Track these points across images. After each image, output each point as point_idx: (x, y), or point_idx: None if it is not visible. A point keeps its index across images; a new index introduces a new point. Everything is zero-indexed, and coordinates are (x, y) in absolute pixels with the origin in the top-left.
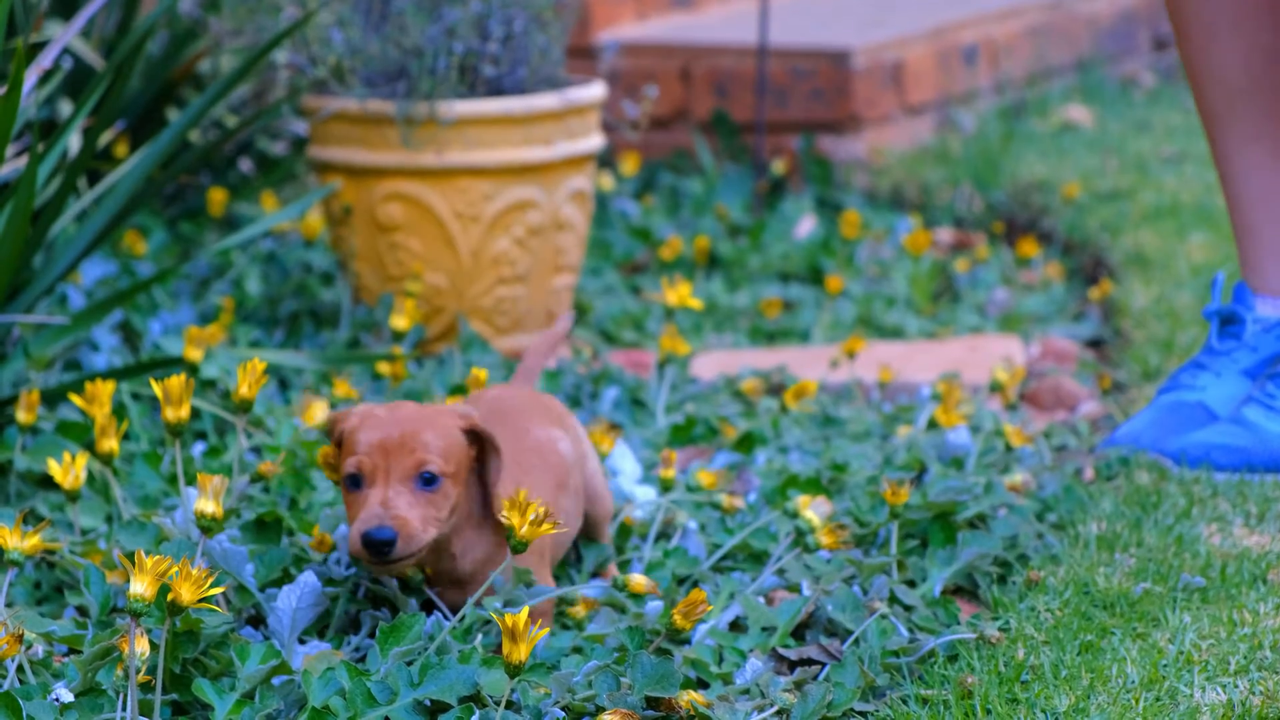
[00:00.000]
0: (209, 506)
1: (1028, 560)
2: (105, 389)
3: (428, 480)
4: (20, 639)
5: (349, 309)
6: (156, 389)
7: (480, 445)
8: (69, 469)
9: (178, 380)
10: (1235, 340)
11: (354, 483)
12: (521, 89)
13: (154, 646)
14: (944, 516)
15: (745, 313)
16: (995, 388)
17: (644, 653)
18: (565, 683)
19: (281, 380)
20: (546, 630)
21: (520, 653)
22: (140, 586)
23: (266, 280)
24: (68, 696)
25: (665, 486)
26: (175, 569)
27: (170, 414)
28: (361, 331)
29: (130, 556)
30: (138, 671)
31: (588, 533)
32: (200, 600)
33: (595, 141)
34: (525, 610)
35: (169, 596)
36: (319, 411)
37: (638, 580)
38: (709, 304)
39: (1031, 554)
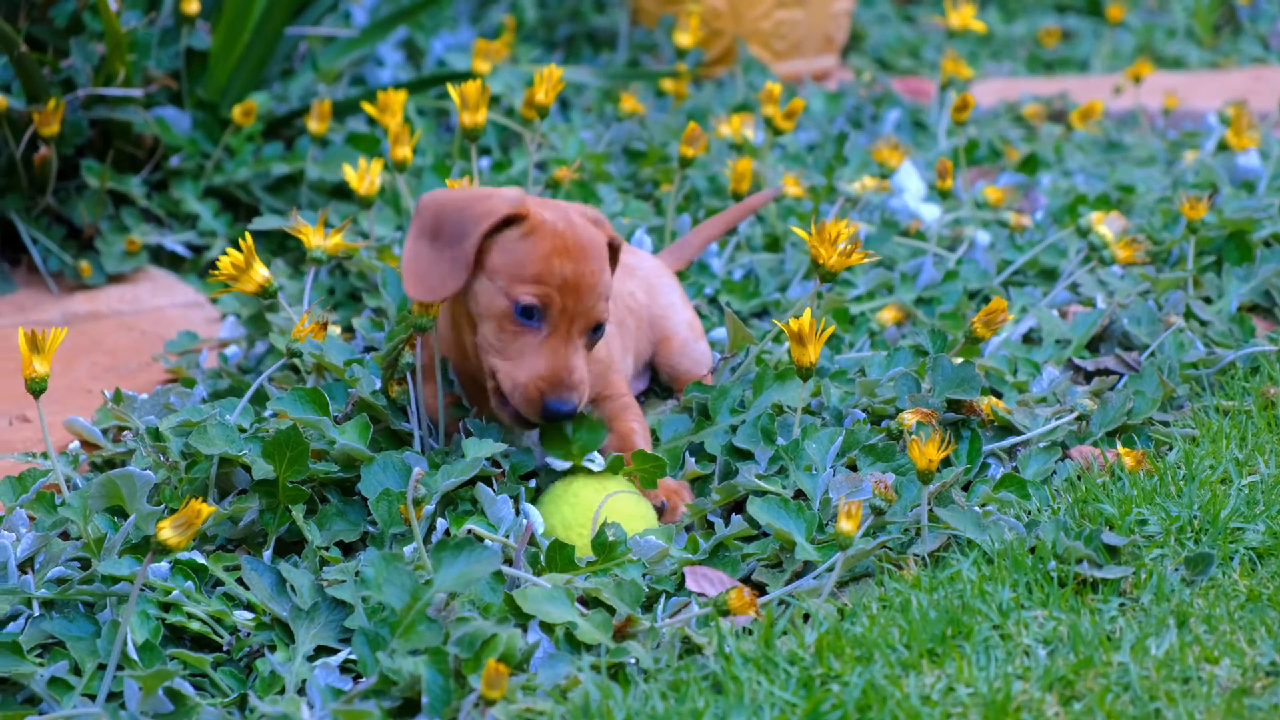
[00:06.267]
0: None
1: None
2: (397, 98)
3: (595, 330)
4: (325, 326)
5: (626, 31)
6: (454, 94)
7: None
8: (364, 175)
9: (474, 85)
10: None
11: (527, 314)
12: None
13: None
14: (1240, 235)
15: (1022, 42)
16: None
17: (944, 355)
18: (868, 386)
19: (562, 100)
20: (831, 329)
21: (809, 354)
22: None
23: (542, 4)
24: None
25: (943, 196)
26: None
27: (467, 118)
28: (640, 53)
29: None
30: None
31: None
32: None
33: None
34: (806, 313)
35: None
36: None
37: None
38: (984, 33)
39: None
